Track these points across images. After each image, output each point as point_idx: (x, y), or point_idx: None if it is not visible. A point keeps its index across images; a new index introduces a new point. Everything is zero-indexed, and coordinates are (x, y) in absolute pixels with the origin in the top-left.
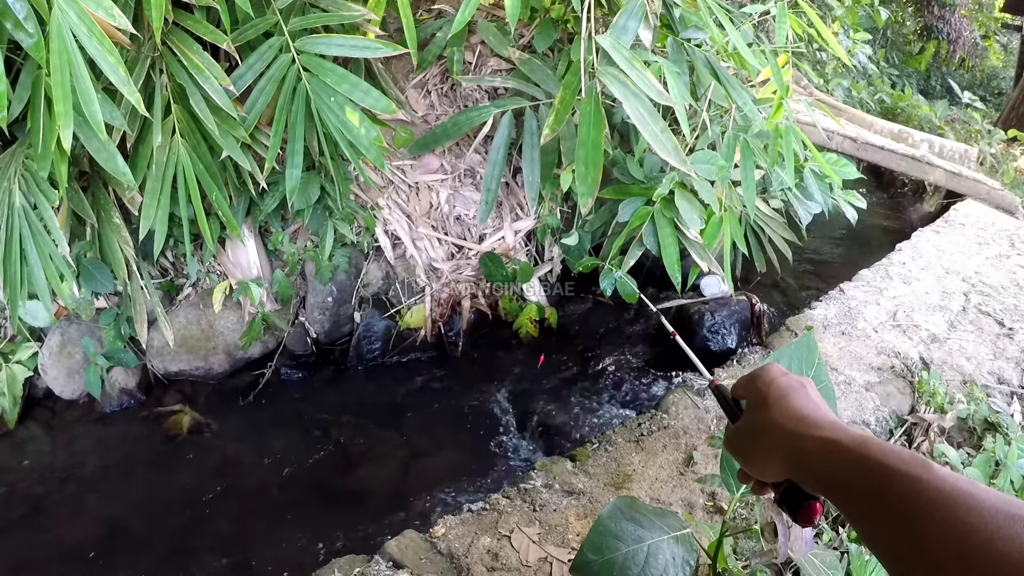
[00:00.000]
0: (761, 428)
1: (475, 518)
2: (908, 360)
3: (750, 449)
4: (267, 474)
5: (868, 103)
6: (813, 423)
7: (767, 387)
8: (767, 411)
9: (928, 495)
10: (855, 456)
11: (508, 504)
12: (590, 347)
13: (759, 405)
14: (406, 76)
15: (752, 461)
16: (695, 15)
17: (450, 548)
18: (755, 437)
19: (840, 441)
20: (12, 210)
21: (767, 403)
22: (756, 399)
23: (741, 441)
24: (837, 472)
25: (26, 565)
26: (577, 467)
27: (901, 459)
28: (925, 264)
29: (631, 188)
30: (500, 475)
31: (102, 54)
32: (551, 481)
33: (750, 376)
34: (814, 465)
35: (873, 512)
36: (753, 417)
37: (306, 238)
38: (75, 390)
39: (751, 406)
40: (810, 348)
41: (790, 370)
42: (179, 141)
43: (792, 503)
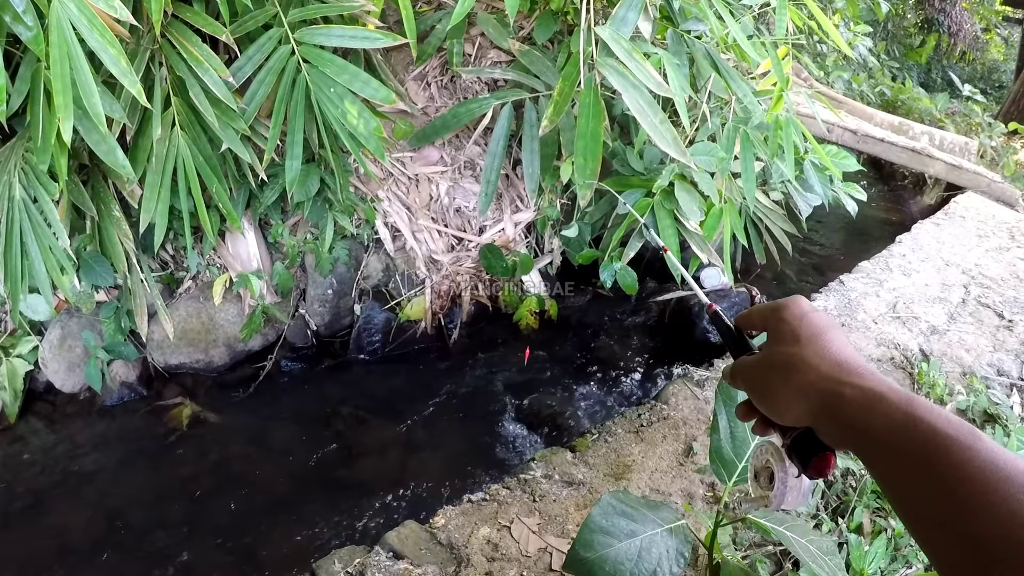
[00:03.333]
0: (790, 365)
1: (475, 508)
2: (908, 351)
3: (772, 386)
4: (267, 466)
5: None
6: (853, 369)
7: (798, 321)
8: (800, 347)
9: (977, 464)
10: (901, 412)
11: (508, 495)
12: (590, 339)
13: (788, 339)
14: (406, 68)
15: (772, 400)
16: (695, 6)
17: (450, 538)
18: (781, 373)
19: (885, 394)
20: (12, 203)
21: (799, 339)
22: (783, 332)
23: (762, 376)
24: (877, 426)
25: (28, 558)
26: (577, 457)
27: (950, 423)
28: (925, 256)
29: (631, 180)
30: (500, 466)
31: (103, 46)
32: (551, 472)
33: (771, 307)
34: (850, 415)
35: (914, 474)
36: (780, 351)
37: (306, 230)
38: (76, 383)
39: (776, 339)
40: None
41: None
42: (179, 133)
43: (804, 452)
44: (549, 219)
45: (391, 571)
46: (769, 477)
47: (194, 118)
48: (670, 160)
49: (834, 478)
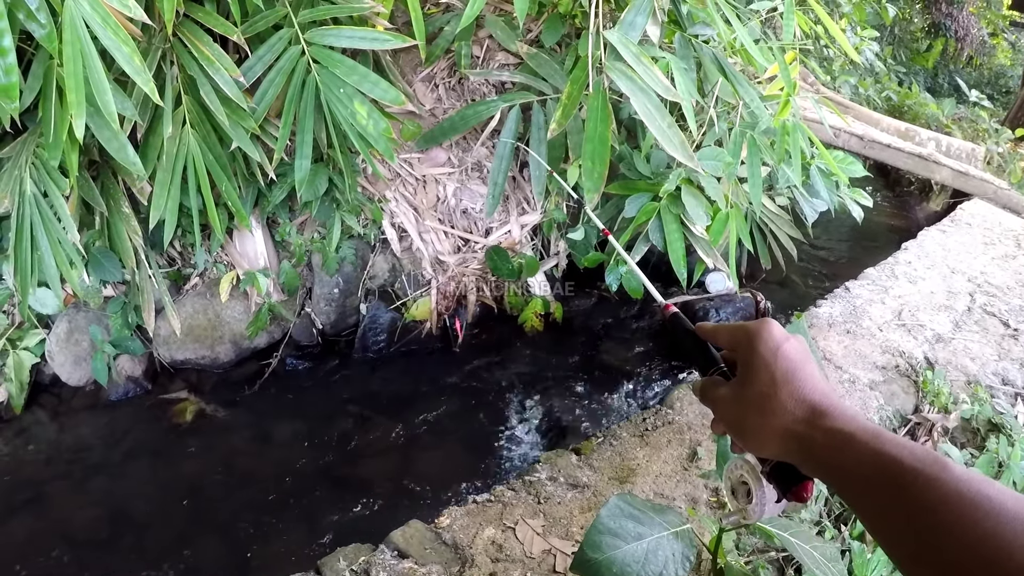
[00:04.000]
0: (765, 409)
1: (480, 509)
2: (913, 359)
3: (746, 425)
4: (271, 463)
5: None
6: (823, 411)
7: (772, 356)
8: (775, 389)
9: (944, 493)
10: (869, 451)
11: (513, 496)
12: (594, 341)
13: (762, 379)
14: (414, 69)
15: (747, 437)
16: (703, 11)
17: (455, 538)
18: (756, 416)
19: (854, 434)
20: (23, 198)
21: (774, 380)
22: (757, 369)
23: (736, 413)
24: (849, 466)
25: (31, 549)
26: (582, 460)
27: (916, 456)
28: (931, 263)
29: (637, 184)
30: (504, 467)
31: (116, 44)
32: (556, 474)
33: (743, 332)
34: (823, 458)
35: (886, 510)
36: (753, 391)
37: (313, 229)
38: (81, 377)
39: (749, 376)
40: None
41: None
42: (189, 132)
43: (784, 480)
44: (555, 222)
45: (396, 570)
46: (746, 492)
47: (204, 117)
48: (677, 164)
49: None
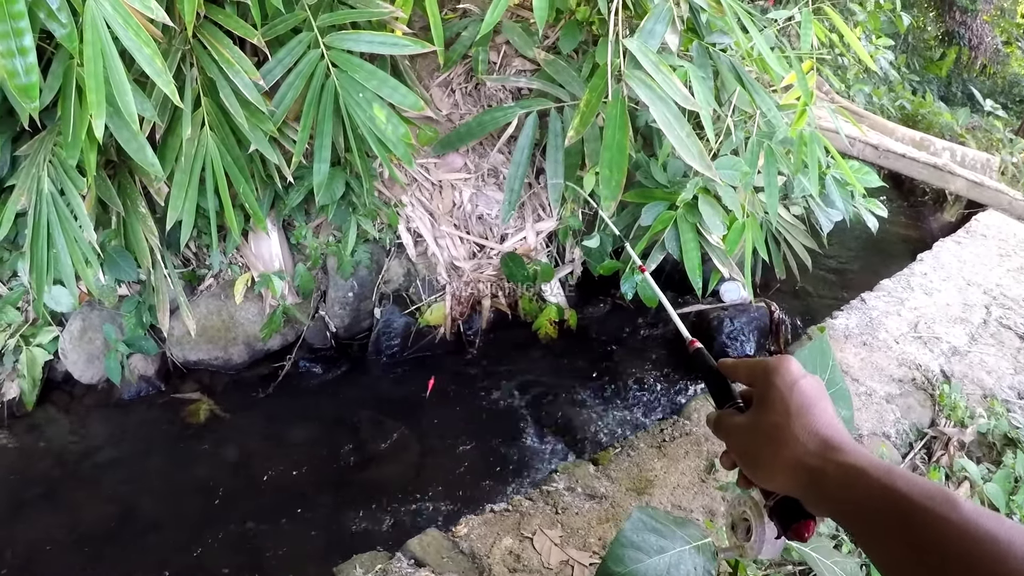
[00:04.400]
0: (778, 439)
1: (497, 518)
2: (929, 372)
3: (758, 455)
4: (283, 466)
5: (889, 109)
6: (836, 446)
7: (789, 390)
8: (789, 420)
9: (954, 530)
10: (880, 487)
11: (531, 506)
12: (609, 350)
13: (777, 409)
14: (431, 75)
15: (758, 468)
16: (721, 20)
17: (472, 548)
18: (768, 445)
19: (865, 470)
20: (40, 196)
21: (789, 411)
22: (773, 400)
23: (749, 443)
24: (858, 500)
25: (39, 545)
26: (599, 471)
27: (927, 494)
28: (946, 275)
29: (654, 192)
30: (518, 475)
31: (138, 45)
32: (573, 484)
33: (762, 366)
34: (832, 490)
35: (895, 546)
36: (768, 422)
37: (328, 233)
38: (94, 375)
39: (765, 406)
40: (824, 351)
41: None
42: (208, 133)
43: (786, 516)
44: (571, 229)
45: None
46: (746, 529)
47: (223, 119)
48: (694, 173)
49: None
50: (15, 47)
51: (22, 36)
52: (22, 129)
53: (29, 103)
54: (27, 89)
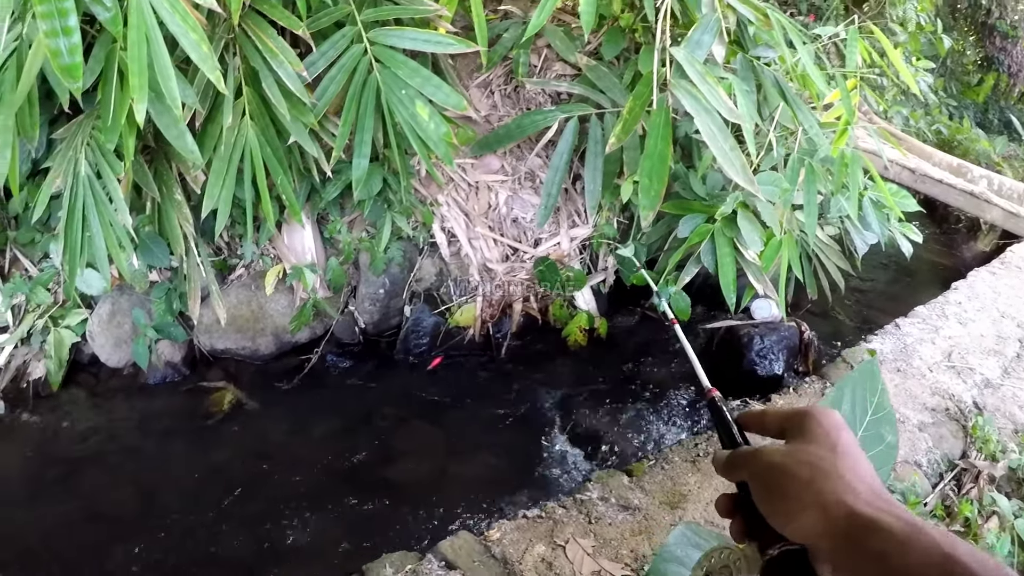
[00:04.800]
0: (819, 468)
1: (530, 525)
2: (962, 403)
3: (787, 484)
4: (306, 459)
5: (925, 133)
6: (890, 498)
7: (835, 431)
8: (834, 455)
9: None
10: (940, 552)
11: (564, 514)
12: (638, 360)
13: (821, 442)
14: (470, 75)
15: (782, 501)
16: (768, 33)
17: (504, 553)
18: (805, 474)
19: (924, 528)
20: (77, 179)
21: (834, 448)
22: (815, 433)
23: (779, 470)
24: (912, 562)
25: (59, 525)
26: (633, 482)
27: (987, 569)
28: (981, 306)
29: (692, 204)
30: (543, 481)
31: (184, 31)
32: (607, 494)
33: (803, 410)
34: (881, 545)
35: None
36: (809, 450)
37: (362, 228)
38: (121, 359)
39: (805, 437)
40: (873, 374)
41: (854, 398)
42: (248, 123)
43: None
44: (605, 237)
45: None
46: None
47: (264, 109)
48: (733, 187)
49: None
50: (59, 27)
51: (67, 16)
52: (59, 112)
53: (72, 84)
54: (71, 69)
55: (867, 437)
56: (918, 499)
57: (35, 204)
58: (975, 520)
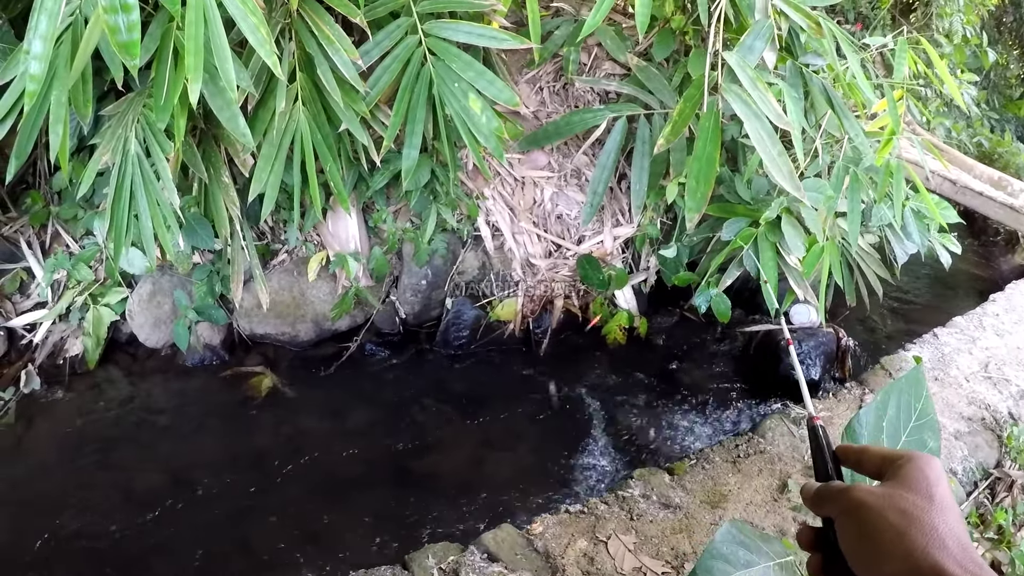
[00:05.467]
0: (914, 517)
1: (572, 520)
2: (997, 413)
3: (880, 529)
4: (342, 447)
5: (967, 145)
6: (979, 562)
7: (936, 480)
8: (932, 506)
9: None
10: None
11: (606, 510)
12: (677, 361)
13: (920, 490)
14: (520, 70)
15: (871, 544)
16: (818, 41)
17: (547, 547)
18: (900, 520)
19: None
20: (127, 157)
21: (931, 497)
22: (915, 480)
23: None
24: None
25: (89, 504)
26: (675, 481)
27: None
28: (1018, 318)
29: (736, 208)
30: (581, 476)
31: (244, 14)
32: (648, 492)
33: (905, 453)
34: None
35: None
36: (907, 497)
37: (407, 219)
38: (159, 339)
39: (903, 483)
40: (918, 381)
41: (899, 403)
42: (300, 109)
43: None
44: (648, 237)
45: (485, 573)
46: None
47: (317, 95)
48: (778, 192)
49: None
50: (119, 3)
51: None
52: (108, 89)
53: (130, 61)
54: (128, 46)
55: (910, 443)
56: None
57: (80, 180)
58: (1008, 528)
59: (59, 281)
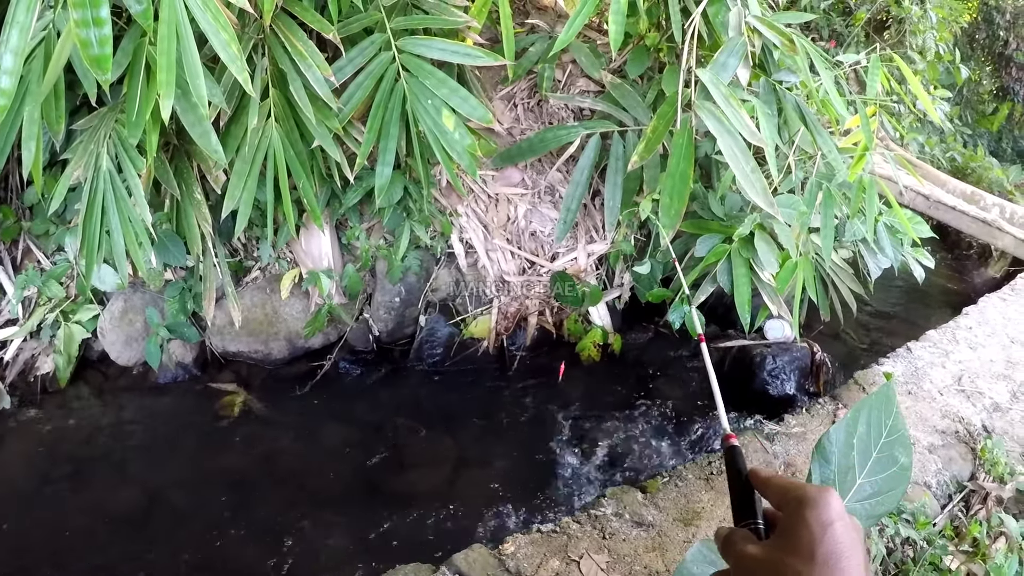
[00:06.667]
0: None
1: (544, 539)
2: (971, 426)
3: None
4: (316, 466)
5: (940, 160)
6: None
7: (821, 531)
8: (811, 569)
9: None
10: None
11: (578, 529)
12: (652, 377)
13: (802, 551)
14: (494, 87)
15: None
16: (791, 59)
17: (519, 567)
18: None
19: None
20: (99, 173)
21: (813, 559)
22: (799, 539)
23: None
24: None
25: (63, 525)
26: (647, 499)
27: None
28: (991, 331)
29: (710, 224)
30: (556, 495)
31: (215, 29)
32: (621, 510)
33: (798, 493)
34: None
35: None
36: (785, 563)
37: (381, 236)
38: (131, 357)
39: (788, 543)
40: (888, 399)
41: (869, 420)
42: (273, 125)
43: None
44: (622, 253)
45: None
46: None
47: (290, 112)
48: (751, 209)
49: (894, 545)
50: (91, 17)
51: (99, 7)
52: (81, 103)
53: (101, 75)
54: (100, 61)
55: (881, 459)
56: (928, 520)
57: (52, 196)
58: (983, 541)
59: (30, 298)
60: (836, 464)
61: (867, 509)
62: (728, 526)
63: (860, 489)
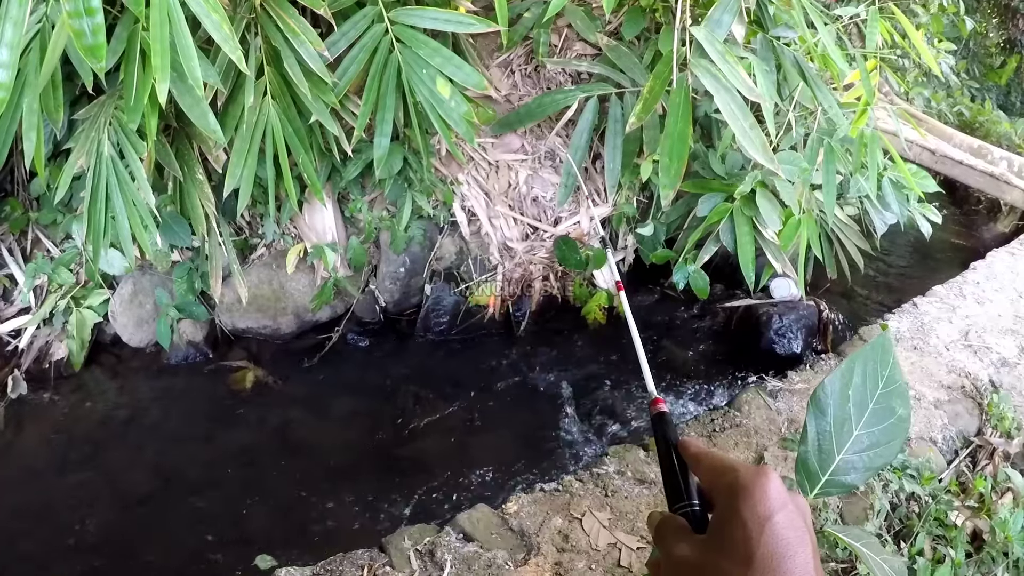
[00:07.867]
0: None
1: (547, 498)
2: (977, 381)
3: None
4: (328, 437)
5: (947, 114)
6: None
7: (759, 528)
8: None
9: None
10: None
11: (581, 487)
12: (657, 338)
13: (737, 553)
14: (490, 54)
15: None
16: (787, 13)
17: (522, 525)
18: None
19: None
20: (100, 159)
21: (750, 561)
22: (734, 538)
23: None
24: None
25: (82, 505)
26: (650, 456)
27: None
28: (999, 286)
29: (711, 183)
30: (563, 457)
31: (206, 11)
32: (624, 468)
33: (731, 480)
34: None
35: None
36: (720, 565)
37: (383, 207)
38: (143, 339)
39: (720, 541)
40: (885, 349)
41: (864, 371)
42: (269, 103)
43: None
44: (625, 216)
45: (461, 553)
46: None
47: (286, 88)
48: (752, 166)
49: (898, 501)
50: (83, 7)
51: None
52: (79, 93)
53: (96, 64)
54: (94, 49)
55: (878, 410)
56: (933, 474)
57: (57, 185)
58: (989, 496)
59: (41, 286)
60: (832, 416)
61: (865, 461)
62: (661, 511)
63: (857, 440)
